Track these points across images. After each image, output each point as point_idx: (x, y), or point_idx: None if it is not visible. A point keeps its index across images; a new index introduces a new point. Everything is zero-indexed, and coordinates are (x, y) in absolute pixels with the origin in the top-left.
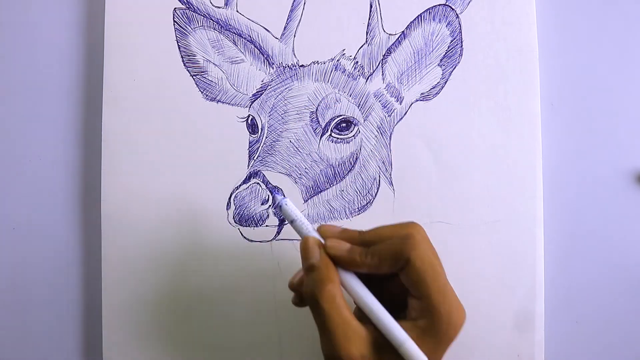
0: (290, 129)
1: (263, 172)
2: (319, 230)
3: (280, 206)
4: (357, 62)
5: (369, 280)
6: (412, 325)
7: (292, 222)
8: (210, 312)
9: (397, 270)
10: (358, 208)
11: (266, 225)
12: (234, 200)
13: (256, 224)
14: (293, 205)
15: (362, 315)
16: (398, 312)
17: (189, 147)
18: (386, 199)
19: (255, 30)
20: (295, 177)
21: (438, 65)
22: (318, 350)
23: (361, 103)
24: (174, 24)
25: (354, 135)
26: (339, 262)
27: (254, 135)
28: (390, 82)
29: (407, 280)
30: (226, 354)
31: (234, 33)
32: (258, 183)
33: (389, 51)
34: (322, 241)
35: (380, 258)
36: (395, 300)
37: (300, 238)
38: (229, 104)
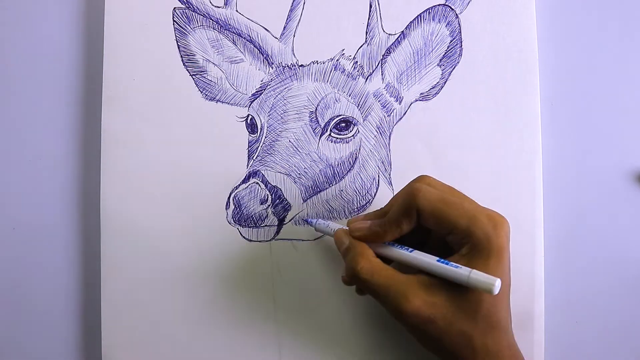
0: (290, 129)
1: (262, 171)
2: (347, 223)
3: (315, 227)
4: (357, 62)
5: (418, 244)
6: (457, 258)
7: (329, 234)
8: (209, 311)
9: (418, 223)
10: (357, 208)
11: (265, 225)
12: (233, 200)
13: (255, 224)
14: (322, 220)
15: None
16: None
17: (188, 147)
18: (385, 199)
19: (254, 30)
20: (295, 176)
21: (437, 65)
22: (317, 350)
23: (360, 103)
24: (173, 24)
25: (353, 135)
26: (368, 240)
27: (253, 135)
28: (390, 82)
29: (431, 225)
30: (225, 354)
31: (234, 33)
32: (257, 183)
33: (388, 51)
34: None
35: (396, 221)
36: (445, 249)
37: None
38: (228, 103)
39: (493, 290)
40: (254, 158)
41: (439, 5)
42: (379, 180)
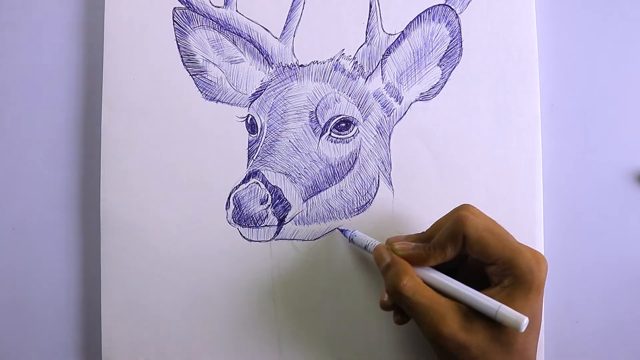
0: (290, 129)
1: (262, 171)
2: (387, 242)
3: (352, 239)
4: (357, 62)
5: (449, 272)
6: (498, 290)
7: (365, 247)
8: (209, 311)
9: (462, 250)
10: (357, 208)
11: (265, 225)
12: (233, 200)
13: (255, 224)
14: (361, 233)
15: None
16: (482, 288)
17: (188, 147)
18: (385, 199)
19: (254, 30)
20: (295, 176)
21: (437, 65)
22: (317, 350)
23: (360, 103)
24: (173, 24)
25: (353, 135)
26: (410, 261)
27: (253, 135)
28: (390, 82)
29: (475, 253)
30: (225, 354)
31: (234, 33)
32: (257, 183)
33: (388, 51)
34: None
35: (442, 245)
36: (479, 279)
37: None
38: (228, 103)
39: (520, 328)
40: (254, 158)
41: (439, 5)
42: (379, 180)
